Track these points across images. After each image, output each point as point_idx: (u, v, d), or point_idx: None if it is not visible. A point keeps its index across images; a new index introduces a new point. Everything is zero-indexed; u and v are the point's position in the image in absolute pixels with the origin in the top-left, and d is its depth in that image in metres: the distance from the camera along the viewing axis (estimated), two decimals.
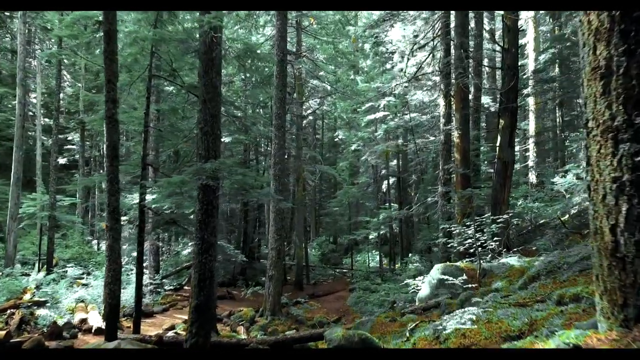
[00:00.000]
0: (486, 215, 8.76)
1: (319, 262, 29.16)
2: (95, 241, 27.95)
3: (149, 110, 8.92)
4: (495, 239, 8.68)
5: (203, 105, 6.75)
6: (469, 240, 8.51)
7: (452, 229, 8.47)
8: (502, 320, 3.29)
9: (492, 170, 20.23)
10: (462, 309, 4.54)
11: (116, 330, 7.65)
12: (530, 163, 23.02)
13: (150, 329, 11.52)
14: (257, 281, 20.18)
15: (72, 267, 19.41)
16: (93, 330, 10.59)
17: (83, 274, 17.94)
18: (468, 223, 8.12)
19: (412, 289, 9.89)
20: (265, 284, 13.80)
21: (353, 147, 27.06)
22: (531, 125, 21.96)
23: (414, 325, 4.62)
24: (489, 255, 8.88)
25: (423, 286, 8.70)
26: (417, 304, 8.61)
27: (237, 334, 11.54)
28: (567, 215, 16.30)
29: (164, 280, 18.65)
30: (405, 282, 10.71)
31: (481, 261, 7.48)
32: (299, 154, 20.64)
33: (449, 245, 9.50)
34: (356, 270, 24.37)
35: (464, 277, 7.92)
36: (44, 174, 25.02)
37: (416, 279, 10.20)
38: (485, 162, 20.60)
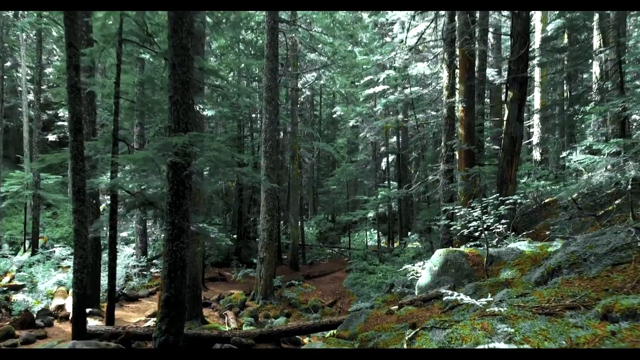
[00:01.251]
0: (493, 195, 7.93)
1: (317, 240, 28.56)
2: None
3: (120, 79, 7.99)
4: (502, 221, 7.89)
5: (172, 70, 5.84)
6: (474, 223, 7.73)
7: (456, 210, 7.67)
8: (529, 339, 2.52)
9: (496, 147, 19.38)
10: (474, 315, 3.76)
11: (85, 322, 6.93)
12: (535, 139, 22.10)
13: (133, 315, 10.87)
14: (251, 261, 19.58)
15: (60, 247, 18.64)
16: (70, 318, 9.92)
17: (71, 254, 17.13)
18: (474, 204, 7.32)
19: (411, 275, 9.18)
20: (257, 266, 13.12)
21: (351, 123, 26.10)
22: (536, 100, 20.96)
23: (412, 333, 3.85)
24: (495, 240, 8.12)
25: (423, 273, 7.95)
26: (416, 292, 7.88)
27: (225, 320, 10.90)
28: (575, 194, 15.51)
29: (153, 261, 18.02)
30: (404, 267, 9.99)
31: (488, 247, 6.71)
32: (294, 130, 19.72)
33: (451, 228, 8.71)
34: (354, 249, 23.76)
35: (469, 264, 7.17)
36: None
37: (415, 264, 9.48)
38: (489, 139, 19.71)
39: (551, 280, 4.50)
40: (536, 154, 23.77)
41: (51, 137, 29.41)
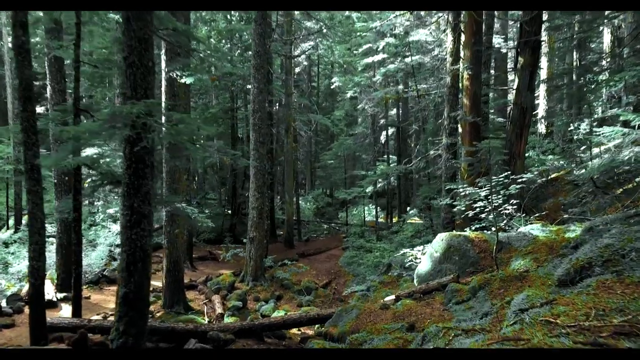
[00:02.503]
0: (497, 172, 7.05)
1: (314, 216, 27.88)
2: None
3: (80, 41, 7.00)
4: (512, 201, 7.05)
5: (126, 25, 4.87)
6: (480, 204, 6.88)
7: (460, 189, 6.82)
8: None
9: (501, 120, 18.39)
10: (487, 340, 2.96)
11: (44, 315, 6.19)
12: (541, 112, 21.06)
13: (113, 299, 10.17)
14: (245, 238, 18.89)
15: (48, 224, 17.80)
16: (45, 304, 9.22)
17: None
18: (481, 183, 6.46)
19: (410, 260, 8.41)
20: (247, 246, 12.38)
21: (349, 94, 24.93)
22: (543, 69, 19.81)
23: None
24: (503, 222, 7.30)
25: (423, 259, 7.17)
26: (415, 280, 7.11)
27: (211, 304, 10.23)
28: (583, 170, 14.64)
29: None
30: (403, 252, 9.21)
31: (498, 232, 5.90)
32: (288, 101, 18.66)
33: (454, 209, 7.88)
34: (351, 225, 23.06)
35: (475, 250, 6.38)
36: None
37: (414, 248, 8.70)
38: (493, 111, 18.68)
39: (581, 280, 3.68)
40: (541, 127, 22.76)
41: (39, 109, 28.34)
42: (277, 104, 22.47)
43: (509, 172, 6.44)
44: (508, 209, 7.07)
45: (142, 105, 4.44)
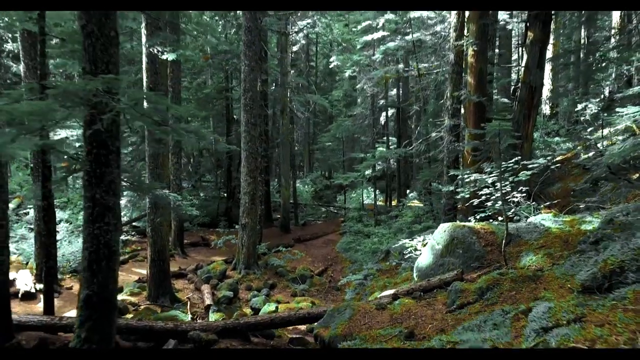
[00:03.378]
0: (510, 157, 6.43)
1: (312, 199, 27.34)
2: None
3: (44, 11, 6.29)
4: (521, 189, 6.46)
5: None
6: (486, 191, 6.29)
7: (466, 175, 6.23)
8: None
9: (505, 100, 17.66)
10: None
11: (8, 313, 5.66)
12: (546, 92, 20.28)
13: None
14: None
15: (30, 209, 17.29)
16: (20, 295, 8.74)
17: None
18: (488, 169, 5.87)
19: (409, 251, 7.85)
20: (239, 233, 11.84)
21: (347, 74, 24.10)
22: (549, 47, 18.93)
23: None
24: (511, 210, 6.72)
25: (424, 251, 6.62)
26: (414, 274, 6.57)
27: (200, 295, 9.75)
28: (592, 152, 14.02)
29: (133, 224, 16.78)
30: (401, 242, 8.67)
31: (507, 223, 5.32)
32: (284, 80, 17.89)
33: (457, 196, 7.29)
34: (350, 208, 22.52)
35: (480, 243, 5.81)
36: None
37: (414, 239, 8.13)
38: (497, 90, 17.93)
39: (610, 288, 3.12)
40: (546, 108, 22.03)
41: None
42: (274, 84, 21.70)
43: (519, 157, 5.82)
44: (516, 197, 6.49)
45: (99, 82, 3.80)
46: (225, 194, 22.81)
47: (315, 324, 5.49)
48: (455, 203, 9.80)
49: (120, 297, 8.90)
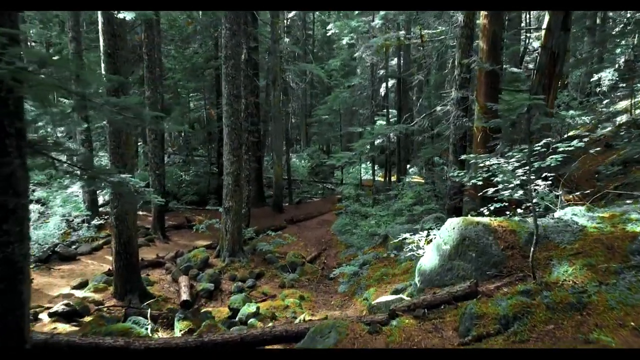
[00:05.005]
0: (547, 137, 5.24)
1: (308, 175, 26.21)
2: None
3: None
4: (544, 175, 5.32)
5: None
6: (501, 177, 5.15)
7: (479, 160, 5.09)
8: None
9: (515, 70, 16.28)
10: None
11: None
12: None
13: (60, 283, 8.67)
14: None
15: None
16: None
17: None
18: (510, 152, 4.72)
19: (410, 251, 6.77)
20: (222, 217, 10.78)
21: (345, 41, 22.53)
22: None
23: None
24: (534, 198, 5.57)
25: (428, 251, 5.54)
26: (417, 279, 5.51)
27: (178, 287, 8.77)
28: (609, 128, 12.83)
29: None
30: (401, 237, 7.58)
31: (537, 222, 4.21)
32: (275, 48, 16.46)
33: (468, 183, 6.14)
34: (347, 184, 21.41)
35: (498, 245, 4.72)
36: None
37: (416, 234, 7.03)
38: (506, 59, 16.53)
39: None
40: None
41: None
42: (267, 53, 20.22)
43: (549, 139, 4.66)
44: (540, 185, 5.37)
45: None
46: (217, 170, 21.69)
47: (295, 346, 4.47)
48: (462, 185, 8.68)
49: (82, 293, 7.92)
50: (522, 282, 4.17)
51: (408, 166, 22.55)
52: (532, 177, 4.93)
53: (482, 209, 5.95)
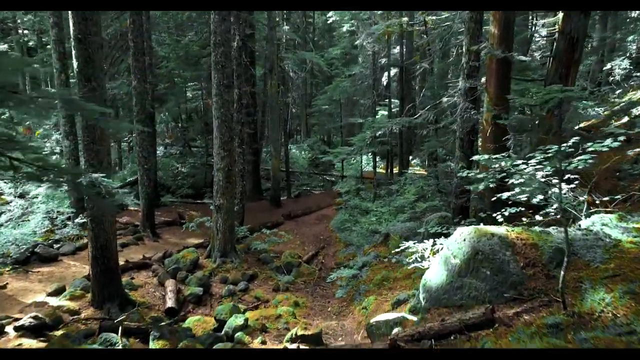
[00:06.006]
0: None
1: (309, 166, 25.51)
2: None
3: None
4: (567, 177, 4.63)
5: None
6: (517, 179, 4.48)
7: (494, 160, 4.41)
8: None
9: (523, 58, 15.47)
10: None
11: None
12: None
13: (36, 288, 8.05)
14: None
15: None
16: None
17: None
18: (531, 154, 4.05)
19: (414, 259, 6.11)
20: (213, 215, 10.14)
21: (345, 28, 21.70)
22: None
23: None
24: (554, 206, 4.90)
25: (434, 263, 4.88)
26: (421, 296, 4.86)
27: (164, 291, 8.16)
28: (625, 118, 12.07)
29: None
30: (403, 246, 6.91)
31: (568, 239, 3.54)
32: (272, 35, 15.69)
33: (480, 187, 5.42)
34: (348, 177, 20.74)
35: (517, 262, 4.06)
36: None
37: (420, 244, 6.36)
38: (516, 46, 15.71)
39: None
40: None
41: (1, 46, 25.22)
42: (265, 42, 19.43)
43: (579, 138, 3.97)
44: (564, 191, 4.69)
45: None
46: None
47: None
48: (469, 183, 7.99)
49: (58, 302, 7.31)
50: (546, 308, 3.52)
51: (410, 157, 21.85)
52: (556, 180, 4.25)
53: (495, 214, 5.27)
